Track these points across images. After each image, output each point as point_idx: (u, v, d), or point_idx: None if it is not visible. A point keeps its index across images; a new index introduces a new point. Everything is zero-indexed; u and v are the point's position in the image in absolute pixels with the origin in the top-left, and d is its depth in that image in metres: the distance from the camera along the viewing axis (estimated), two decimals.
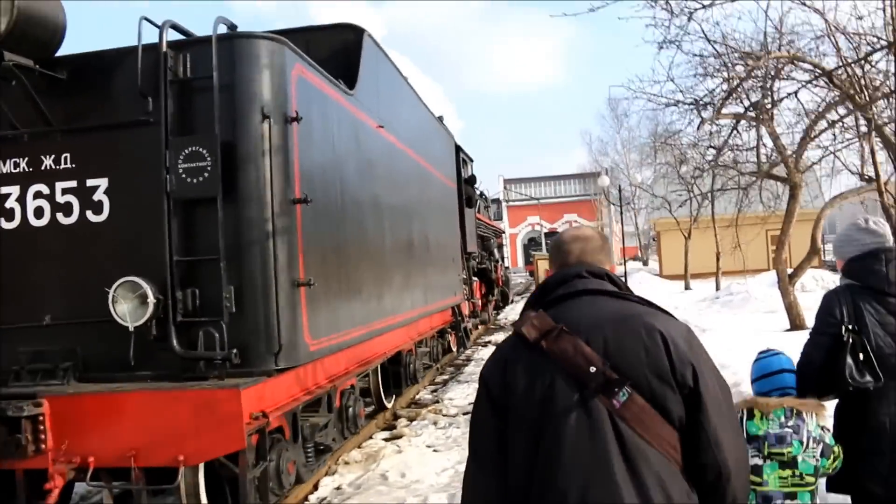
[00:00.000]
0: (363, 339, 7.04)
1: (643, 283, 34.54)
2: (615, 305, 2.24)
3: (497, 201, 34.38)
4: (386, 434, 8.96)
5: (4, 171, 5.15)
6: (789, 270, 12.70)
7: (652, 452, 2.05)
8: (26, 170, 5.14)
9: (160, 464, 4.57)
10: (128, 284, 4.71)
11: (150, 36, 5.00)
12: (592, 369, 2.09)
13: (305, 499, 6.51)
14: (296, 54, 5.59)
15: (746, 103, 13.20)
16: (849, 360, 3.28)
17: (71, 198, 5.09)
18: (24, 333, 5.04)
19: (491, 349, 11.21)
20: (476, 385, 8.36)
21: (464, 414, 9.58)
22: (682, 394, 2.10)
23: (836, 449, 3.32)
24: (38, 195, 5.12)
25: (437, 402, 10.72)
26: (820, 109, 12.43)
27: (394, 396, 9.86)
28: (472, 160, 17.08)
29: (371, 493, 6.62)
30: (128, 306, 4.70)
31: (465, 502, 2.27)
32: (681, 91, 12.86)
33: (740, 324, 14.91)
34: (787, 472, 3.24)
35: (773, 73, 11.83)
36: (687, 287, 30.28)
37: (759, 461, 3.25)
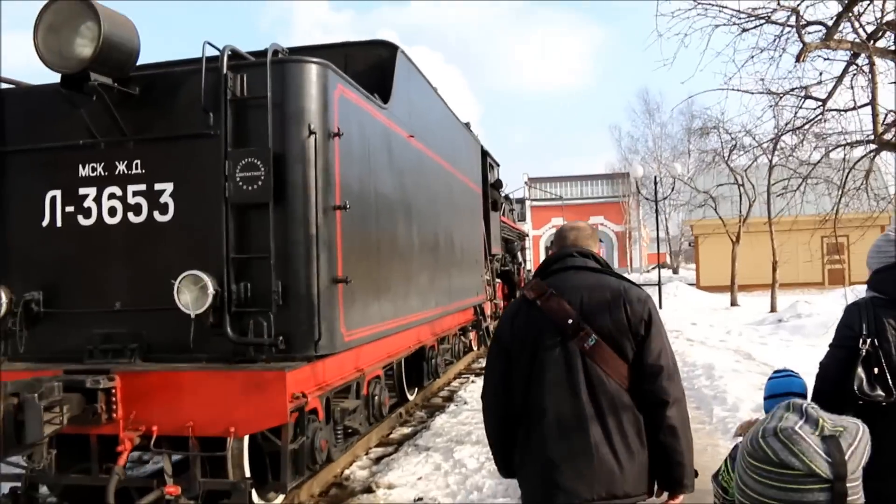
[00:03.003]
0: (391, 333, 7.71)
1: (679, 295, 29.58)
2: (593, 277, 3.12)
3: (521, 201, 33.52)
4: None
5: (83, 174, 5.87)
6: None
7: (609, 381, 2.93)
8: (102, 174, 5.86)
9: (214, 434, 5.26)
10: (191, 277, 5.40)
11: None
12: (570, 321, 2.97)
13: None
14: (337, 75, 6.25)
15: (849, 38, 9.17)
16: (860, 371, 3.17)
17: (140, 199, 5.80)
18: (97, 317, 5.78)
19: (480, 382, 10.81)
20: (439, 457, 7.79)
21: None
22: (636, 340, 2.96)
23: None
24: (111, 196, 5.84)
25: (370, 489, 6.90)
26: None
27: (416, 389, 10.53)
28: (498, 164, 17.69)
29: None
30: (190, 296, 5.39)
31: (485, 417, 3.22)
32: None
33: None
34: None
35: None
36: (734, 303, 25.29)
37: None
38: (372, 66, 8.80)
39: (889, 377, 3.12)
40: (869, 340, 3.18)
